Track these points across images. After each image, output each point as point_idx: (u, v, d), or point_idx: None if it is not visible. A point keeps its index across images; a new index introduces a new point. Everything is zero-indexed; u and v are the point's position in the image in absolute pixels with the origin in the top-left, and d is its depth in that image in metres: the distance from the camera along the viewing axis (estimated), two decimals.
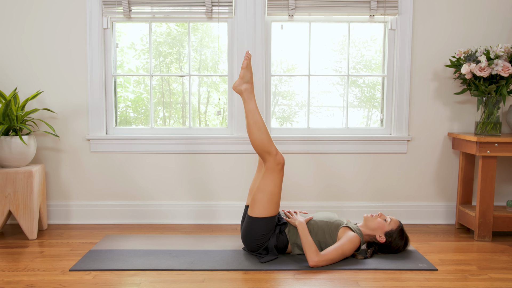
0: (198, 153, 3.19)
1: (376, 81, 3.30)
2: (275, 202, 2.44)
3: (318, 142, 3.18)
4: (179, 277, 2.24)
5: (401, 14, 3.10)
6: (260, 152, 2.46)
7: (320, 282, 2.19)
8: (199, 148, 3.17)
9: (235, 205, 3.21)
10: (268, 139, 2.44)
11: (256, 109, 2.48)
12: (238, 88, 2.54)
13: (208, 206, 3.22)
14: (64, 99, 3.14)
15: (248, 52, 2.55)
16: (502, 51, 2.81)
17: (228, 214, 3.21)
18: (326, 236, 2.48)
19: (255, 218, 2.43)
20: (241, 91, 2.53)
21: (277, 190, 2.43)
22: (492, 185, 2.82)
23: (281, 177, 2.44)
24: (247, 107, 2.50)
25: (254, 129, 2.45)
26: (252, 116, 2.47)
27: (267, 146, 2.43)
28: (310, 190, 3.23)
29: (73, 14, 3.07)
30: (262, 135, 2.44)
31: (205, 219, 3.22)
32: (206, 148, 3.17)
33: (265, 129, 2.46)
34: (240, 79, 2.54)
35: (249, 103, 2.50)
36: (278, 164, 2.43)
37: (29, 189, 2.78)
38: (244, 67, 2.53)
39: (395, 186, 3.25)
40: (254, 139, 2.45)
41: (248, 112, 2.49)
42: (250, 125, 2.46)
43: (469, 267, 2.40)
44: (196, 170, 3.20)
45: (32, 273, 2.27)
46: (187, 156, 3.19)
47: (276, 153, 2.44)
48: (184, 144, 3.16)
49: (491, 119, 2.91)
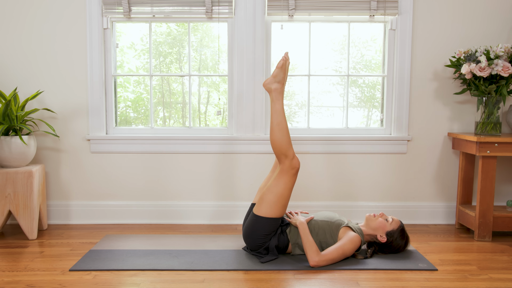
0: (198, 153, 3.19)
1: (376, 81, 3.30)
2: (283, 204, 2.44)
3: (318, 142, 3.18)
4: (179, 277, 2.24)
5: (401, 14, 3.10)
6: (277, 153, 2.47)
7: (320, 282, 2.19)
8: (199, 148, 3.17)
9: (235, 205, 3.21)
10: (288, 142, 2.45)
11: (282, 110, 2.49)
12: (268, 86, 2.54)
13: (208, 206, 3.22)
14: (64, 99, 3.14)
15: (287, 53, 2.55)
16: (502, 51, 2.81)
17: (228, 214, 3.21)
18: (327, 236, 2.48)
19: (260, 217, 2.43)
20: (271, 90, 2.53)
21: (287, 193, 2.43)
22: (492, 185, 2.82)
23: (293, 181, 2.44)
24: (273, 107, 2.50)
25: (276, 130, 2.46)
26: (277, 117, 2.48)
27: (286, 148, 2.44)
28: (310, 190, 3.23)
29: (73, 14, 3.07)
30: (283, 137, 2.45)
31: (205, 219, 3.22)
32: (206, 148, 3.17)
33: (287, 132, 2.47)
34: (272, 77, 2.54)
35: (276, 103, 2.50)
36: (293, 168, 2.43)
37: (29, 189, 2.78)
38: (279, 67, 2.53)
39: (395, 186, 3.25)
40: (275, 139, 2.46)
41: (273, 112, 2.49)
42: (273, 125, 2.47)
43: (469, 267, 2.40)
44: (196, 170, 3.20)
45: (32, 273, 2.27)
46: (187, 156, 3.19)
47: (293, 157, 2.44)
48: (184, 144, 3.16)
49: (491, 119, 2.91)
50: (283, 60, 2.53)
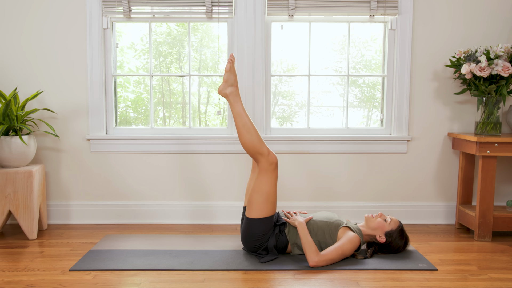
0: (198, 153, 3.19)
1: (376, 81, 3.30)
2: (271, 202, 2.44)
3: (318, 142, 3.18)
4: (179, 277, 2.24)
5: (401, 14, 3.10)
6: (252, 153, 2.46)
7: (320, 282, 2.19)
8: (199, 148, 3.17)
9: (235, 205, 3.21)
10: (259, 140, 2.44)
11: (243, 112, 2.49)
12: (223, 92, 2.54)
13: (208, 206, 3.22)
14: (64, 99, 3.14)
15: (232, 55, 2.55)
16: (502, 51, 2.81)
17: (228, 214, 3.22)
18: (326, 236, 2.48)
19: (253, 219, 2.43)
20: (227, 95, 2.53)
21: (273, 190, 2.43)
22: (492, 185, 2.82)
23: (275, 176, 2.44)
24: (234, 110, 2.50)
25: (243, 132, 2.45)
26: (240, 119, 2.47)
27: (258, 147, 2.43)
28: (310, 190, 3.23)
29: (73, 14, 3.07)
30: (252, 136, 2.44)
31: (205, 219, 3.22)
32: (206, 148, 3.17)
33: (255, 131, 2.46)
34: (224, 82, 2.54)
35: (236, 106, 2.50)
36: (271, 164, 2.43)
37: (29, 189, 2.78)
38: (228, 70, 2.53)
39: (395, 186, 3.25)
40: (245, 141, 2.46)
41: (236, 115, 2.49)
42: (239, 128, 2.47)
43: (469, 267, 2.40)
44: (196, 170, 3.20)
45: (32, 273, 2.27)
46: (187, 156, 3.19)
47: (268, 153, 2.44)
48: (184, 144, 3.17)
49: (491, 119, 2.91)
50: (229, 62, 2.53)
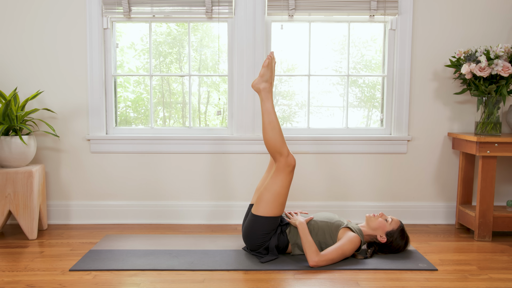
0: (198, 153, 3.19)
1: (376, 81, 3.30)
2: (280, 203, 2.44)
3: (318, 142, 3.18)
4: (179, 277, 2.24)
5: (401, 14, 3.10)
6: (272, 152, 2.47)
7: (320, 282, 2.19)
8: (199, 148, 3.17)
9: (235, 205, 3.21)
10: (281, 140, 2.45)
11: (272, 109, 2.49)
12: (257, 87, 2.54)
13: (208, 206, 3.22)
14: (64, 99, 3.14)
15: (272, 52, 2.55)
16: (502, 51, 2.81)
17: (228, 214, 3.21)
18: (326, 237, 2.48)
19: (259, 217, 2.43)
20: (259, 90, 2.53)
21: (284, 191, 2.44)
22: (492, 185, 2.82)
23: (290, 179, 2.45)
24: (263, 106, 2.50)
25: (269, 129, 2.46)
26: (268, 116, 2.48)
27: (280, 146, 2.44)
28: (310, 190, 3.23)
29: (73, 14, 3.07)
30: (276, 135, 2.45)
31: (204, 219, 3.22)
32: (206, 148, 3.17)
33: (279, 130, 2.47)
34: (260, 77, 2.54)
35: (266, 102, 2.50)
36: (288, 166, 2.43)
37: (29, 189, 2.78)
38: (265, 66, 2.53)
39: (395, 186, 3.25)
40: (268, 138, 2.46)
41: (264, 111, 2.49)
42: (265, 125, 2.48)
43: (469, 267, 2.40)
44: (196, 170, 3.20)
45: (32, 273, 2.27)
46: (187, 156, 3.19)
47: (287, 155, 2.44)
48: (184, 144, 3.17)
49: (491, 119, 2.91)
50: (268, 59, 2.53)
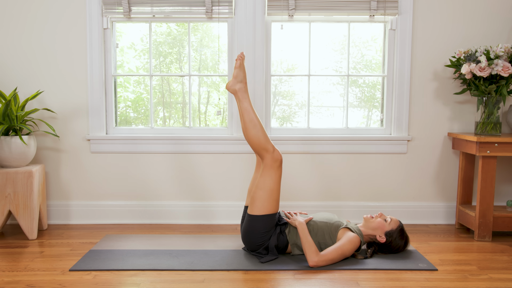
0: (198, 153, 3.19)
1: (376, 81, 3.30)
2: (274, 199, 2.44)
3: (318, 142, 3.18)
4: (179, 277, 2.24)
5: (401, 14, 3.10)
6: (257, 149, 2.48)
7: (320, 282, 2.19)
8: (199, 148, 3.17)
9: (235, 205, 3.21)
10: (265, 137, 2.47)
11: (250, 108, 2.51)
12: (232, 88, 2.57)
13: (208, 206, 3.22)
14: (64, 99, 3.14)
15: (242, 53, 2.58)
16: (502, 51, 2.81)
17: (228, 214, 3.22)
18: (325, 237, 2.48)
19: (255, 216, 2.43)
20: (235, 91, 2.56)
21: (276, 187, 2.44)
22: (492, 185, 2.82)
23: (279, 174, 2.46)
24: (241, 106, 2.52)
25: (250, 127, 2.47)
26: (247, 115, 2.49)
27: (264, 143, 2.45)
28: (310, 190, 3.23)
29: (73, 14, 3.07)
30: (258, 132, 2.46)
31: (205, 219, 3.22)
32: (206, 148, 3.17)
33: (261, 127, 2.48)
34: (233, 78, 2.57)
35: (244, 102, 2.52)
36: (276, 161, 2.44)
37: (29, 189, 2.78)
38: (237, 67, 2.56)
39: (395, 186, 3.25)
40: (251, 137, 2.47)
41: (243, 111, 2.51)
42: (246, 123, 2.49)
43: (469, 267, 2.40)
44: (197, 170, 3.20)
45: (32, 273, 2.27)
46: (187, 156, 3.19)
47: (273, 150, 2.45)
48: (184, 144, 3.17)
49: (491, 119, 2.91)
50: (239, 59, 2.56)
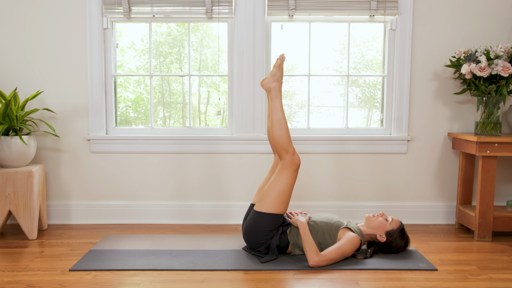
0: (198, 153, 3.19)
1: (377, 81, 3.30)
2: (284, 200, 2.45)
3: (318, 142, 3.18)
4: (179, 277, 2.24)
5: (401, 14, 3.10)
6: (278, 149, 2.51)
7: (320, 282, 2.19)
8: (199, 148, 3.17)
9: (235, 205, 3.21)
10: (288, 138, 2.51)
11: (281, 108, 2.55)
12: (267, 86, 2.61)
13: (208, 206, 3.22)
14: (64, 99, 3.14)
15: (283, 54, 2.62)
16: (502, 51, 2.81)
17: (228, 214, 3.21)
18: (326, 237, 2.48)
19: (262, 213, 2.43)
20: (270, 89, 2.60)
21: (288, 189, 2.46)
22: (492, 185, 2.82)
23: (294, 177, 2.48)
24: (273, 105, 2.56)
25: (277, 126, 2.52)
26: (277, 114, 2.54)
27: (286, 144, 2.49)
28: (310, 190, 3.23)
29: (73, 14, 3.07)
30: (284, 133, 2.51)
31: (205, 219, 3.22)
32: (206, 148, 3.17)
33: (287, 128, 2.53)
34: (271, 76, 2.60)
35: (276, 101, 2.57)
36: (294, 164, 2.47)
37: (29, 189, 2.78)
38: (277, 66, 2.60)
39: (395, 186, 3.25)
40: (275, 135, 2.51)
41: (273, 109, 2.56)
42: (274, 122, 2.53)
43: (469, 267, 2.40)
44: (196, 170, 3.20)
45: (32, 273, 2.27)
46: (187, 156, 3.19)
47: (293, 153, 2.48)
48: (184, 144, 3.17)
49: (491, 119, 2.91)
50: (280, 59, 2.60)
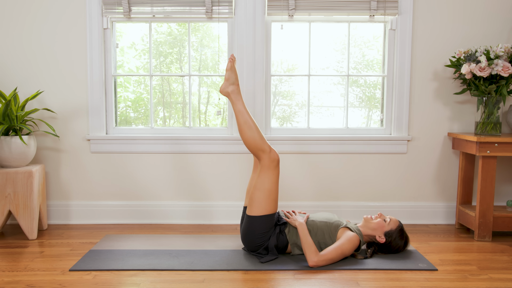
0: (198, 153, 3.19)
1: (377, 81, 3.30)
2: (273, 199, 2.44)
3: (318, 142, 3.18)
4: (179, 277, 2.24)
5: (401, 14, 3.10)
6: (253, 150, 2.48)
7: (320, 282, 2.19)
8: (199, 148, 3.17)
9: (235, 205, 3.21)
10: (260, 137, 2.47)
11: (244, 109, 2.52)
12: (225, 91, 2.59)
13: (209, 206, 3.22)
14: (64, 99, 3.14)
15: (233, 55, 2.60)
16: (502, 51, 2.81)
17: (228, 214, 3.22)
18: (325, 237, 2.48)
19: (254, 217, 2.43)
20: (228, 93, 2.57)
21: (274, 187, 2.44)
22: (492, 185, 2.82)
23: (277, 174, 2.46)
24: (235, 108, 2.54)
25: (245, 129, 2.48)
26: (242, 116, 2.51)
27: (260, 144, 2.46)
28: (309, 190, 3.23)
29: (73, 14, 3.07)
30: (254, 133, 2.47)
31: (205, 219, 3.22)
32: (206, 148, 3.17)
33: (256, 128, 2.49)
34: (225, 81, 2.58)
35: (237, 104, 2.54)
36: (273, 161, 2.45)
37: (29, 189, 2.78)
38: (229, 69, 2.57)
39: (395, 186, 3.25)
40: (246, 138, 2.48)
41: (237, 113, 2.52)
42: (241, 125, 2.50)
43: (469, 267, 2.40)
44: (196, 170, 3.20)
45: (32, 273, 2.28)
46: (187, 156, 3.19)
47: (270, 150, 2.46)
48: (184, 144, 3.17)
49: (491, 119, 2.91)
50: (230, 62, 2.58)
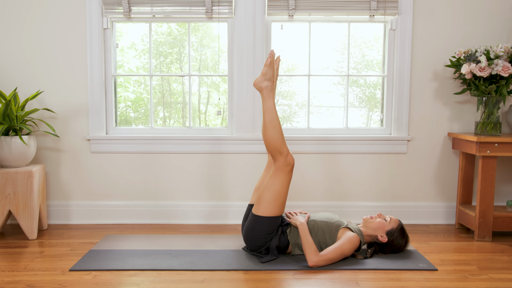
0: (198, 153, 3.19)
1: (377, 81, 3.30)
2: (281, 202, 2.44)
3: (318, 142, 3.18)
4: (179, 277, 2.24)
5: (401, 14, 3.10)
6: (271, 150, 2.46)
7: (320, 282, 2.19)
8: (199, 148, 3.17)
9: (235, 205, 3.21)
10: (282, 139, 2.45)
11: (273, 108, 2.48)
12: (259, 85, 2.52)
13: (208, 206, 3.22)
14: (64, 99, 3.14)
15: (273, 50, 2.54)
16: (502, 51, 2.81)
17: (228, 214, 3.21)
18: (326, 237, 2.48)
19: (260, 217, 2.43)
20: (262, 88, 2.51)
21: (284, 190, 2.43)
22: (492, 185, 2.82)
23: (289, 178, 2.45)
24: (265, 105, 2.48)
25: (270, 128, 2.45)
26: (269, 114, 2.47)
27: (280, 145, 2.44)
28: (310, 190, 3.23)
29: (73, 14, 3.07)
30: (277, 134, 2.44)
31: (205, 219, 3.22)
32: (206, 148, 3.17)
33: (280, 129, 2.46)
34: (262, 75, 2.52)
35: (268, 101, 2.49)
36: (288, 165, 2.43)
37: (29, 189, 2.78)
38: (267, 64, 2.51)
39: (395, 186, 3.25)
40: (268, 137, 2.45)
41: (265, 109, 2.48)
42: (266, 123, 2.46)
43: (469, 267, 2.40)
44: (197, 170, 3.20)
45: (32, 273, 2.27)
46: (187, 156, 3.19)
47: (287, 154, 2.44)
48: (184, 144, 3.17)
49: (491, 119, 2.91)
50: (270, 57, 2.52)
